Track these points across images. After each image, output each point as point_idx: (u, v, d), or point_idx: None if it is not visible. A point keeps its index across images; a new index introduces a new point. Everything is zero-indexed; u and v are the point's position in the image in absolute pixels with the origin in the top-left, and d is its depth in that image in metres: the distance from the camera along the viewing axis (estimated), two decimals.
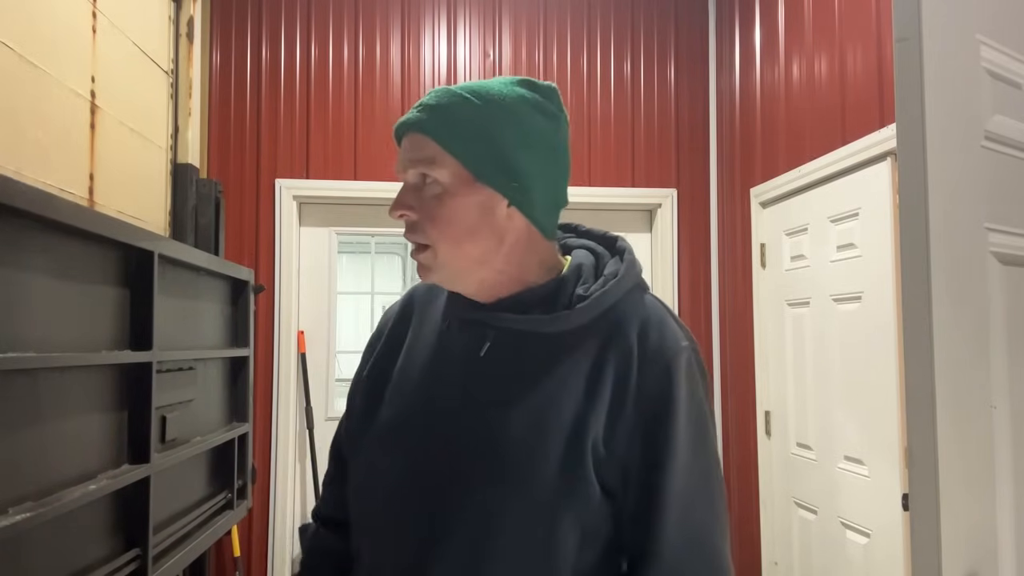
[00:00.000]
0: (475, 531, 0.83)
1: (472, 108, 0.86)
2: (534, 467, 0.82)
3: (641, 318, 0.88)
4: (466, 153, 0.85)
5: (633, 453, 0.83)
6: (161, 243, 1.76)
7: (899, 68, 0.98)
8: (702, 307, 3.21)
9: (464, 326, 0.92)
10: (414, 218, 0.86)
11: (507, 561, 0.82)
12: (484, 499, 0.83)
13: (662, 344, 0.86)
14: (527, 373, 0.87)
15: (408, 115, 0.88)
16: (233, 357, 2.39)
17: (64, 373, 1.37)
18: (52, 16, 1.86)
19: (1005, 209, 1.06)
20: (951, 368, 0.95)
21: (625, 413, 0.83)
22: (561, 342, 0.87)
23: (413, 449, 0.89)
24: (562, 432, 0.83)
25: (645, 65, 3.23)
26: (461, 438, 0.86)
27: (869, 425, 2.16)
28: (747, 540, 2.92)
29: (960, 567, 0.94)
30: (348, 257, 3.56)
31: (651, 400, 0.83)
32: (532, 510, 0.82)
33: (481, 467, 0.84)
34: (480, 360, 0.89)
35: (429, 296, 1.01)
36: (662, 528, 0.81)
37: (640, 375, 0.84)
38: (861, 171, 2.20)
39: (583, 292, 0.88)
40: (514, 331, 0.88)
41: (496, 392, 0.87)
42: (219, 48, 2.99)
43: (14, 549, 1.22)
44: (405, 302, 1.03)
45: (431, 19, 3.11)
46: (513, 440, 0.84)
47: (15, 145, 1.70)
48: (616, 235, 1.00)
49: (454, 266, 0.87)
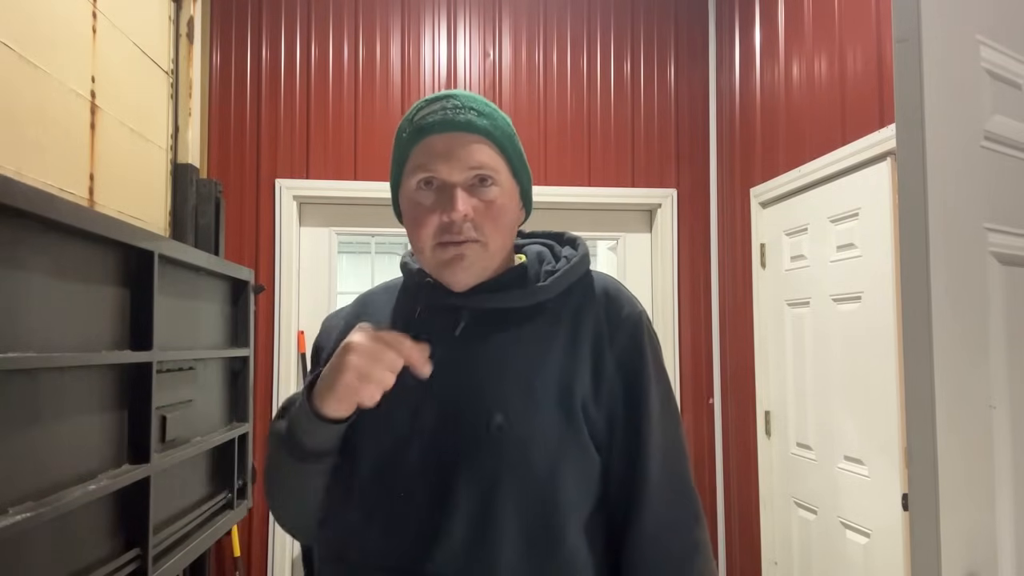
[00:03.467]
0: (483, 502, 0.87)
1: (505, 118, 0.97)
2: (534, 435, 0.89)
3: (602, 289, 0.98)
4: (514, 158, 0.96)
5: (616, 410, 0.93)
6: (161, 243, 1.76)
7: (899, 68, 0.98)
8: (702, 307, 3.21)
9: (436, 313, 0.96)
10: (473, 217, 0.91)
11: (514, 529, 0.87)
12: (489, 471, 0.88)
13: (626, 310, 0.96)
14: (508, 347, 0.93)
15: (460, 116, 0.91)
16: (233, 357, 2.39)
17: (64, 373, 1.37)
18: (52, 16, 1.86)
19: (1005, 209, 1.06)
20: (951, 368, 0.95)
21: (606, 375, 0.92)
22: (534, 316, 0.94)
23: (417, 428, 0.91)
24: (553, 398, 0.90)
25: (645, 65, 3.23)
26: (459, 413, 0.90)
27: (869, 425, 2.16)
28: (747, 540, 2.92)
29: (960, 567, 0.94)
30: (348, 257, 3.57)
31: (626, 360, 0.93)
32: (536, 477, 0.88)
33: (483, 439, 0.89)
34: (458, 340, 0.93)
35: (382, 300, 1.05)
36: (649, 473, 0.92)
37: (612, 339, 0.94)
38: (861, 171, 2.20)
39: (551, 269, 0.97)
40: (490, 310, 0.94)
41: (482, 367, 0.92)
42: (219, 48, 2.99)
43: (14, 549, 1.22)
44: (359, 310, 1.06)
45: (431, 19, 3.11)
46: (510, 410, 0.89)
47: (15, 145, 1.70)
48: (562, 230, 1.08)
49: (492, 260, 0.94)
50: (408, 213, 0.95)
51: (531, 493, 0.88)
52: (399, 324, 0.98)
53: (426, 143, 0.92)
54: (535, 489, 0.88)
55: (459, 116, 0.91)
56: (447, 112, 0.92)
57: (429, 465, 0.89)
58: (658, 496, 0.92)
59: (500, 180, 0.92)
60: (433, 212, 0.91)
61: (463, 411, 0.90)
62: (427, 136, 0.92)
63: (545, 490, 0.88)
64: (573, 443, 0.90)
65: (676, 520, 0.93)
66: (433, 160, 0.91)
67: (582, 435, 0.90)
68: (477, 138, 0.92)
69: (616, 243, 3.31)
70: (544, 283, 0.94)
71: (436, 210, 0.91)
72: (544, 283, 0.94)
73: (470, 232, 0.90)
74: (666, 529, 0.92)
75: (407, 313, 0.99)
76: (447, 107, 0.92)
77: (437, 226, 0.91)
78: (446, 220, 0.90)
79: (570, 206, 3.15)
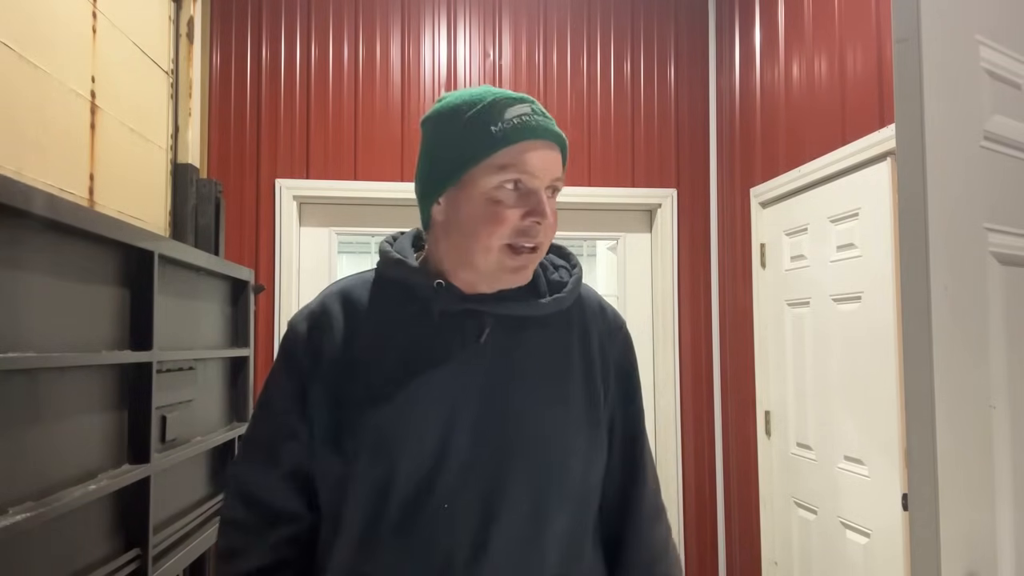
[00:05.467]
0: (528, 502, 0.91)
1: None
2: (568, 442, 0.95)
3: (596, 301, 1.07)
4: None
5: (617, 409, 1.03)
6: (161, 243, 1.76)
7: (898, 68, 0.98)
8: (702, 307, 3.21)
9: (455, 318, 0.95)
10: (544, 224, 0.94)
11: (558, 529, 0.93)
12: (531, 473, 0.92)
13: (618, 319, 1.08)
14: (534, 354, 0.97)
15: (551, 127, 0.94)
16: (233, 357, 2.39)
17: (64, 373, 1.37)
18: (52, 16, 1.86)
19: (1005, 209, 1.06)
20: (950, 368, 0.95)
21: (610, 378, 1.02)
22: (548, 324, 0.99)
23: (452, 434, 0.91)
24: (580, 404, 0.97)
25: (645, 65, 3.23)
26: (496, 421, 0.92)
27: (869, 425, 2.16)
28: (747, 540, 2.92)
29: (959, 567, 0.94)
30: (348, 257, 3.57)
31: (621, 365, 1.04)
32: (573, 482, 0.95)
33: (525, 448, 0.92)
34: (483, 347, 0.95)
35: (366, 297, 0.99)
36: (644, 460, 1.05)
37: (611, 346, 1.04)
38: (861, 171, 2.20)
39: (558, 279, 1.02)
40: (510, 316, 0.96)
41: (514, 374, 0.95)
42: (219, 48, 2.99)
43: (14, 549, 1.22)
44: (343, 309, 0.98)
45: (431, 19, 3.11)
46: (544, 418, 0.94)
47: (15, 145, 1.70)
48: None
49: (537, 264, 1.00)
50: (483, 208, 0.91)
51: (571, 496, 0.94)
52: (411, 328, 0.95)
53: (523, 146, 0.91)
54: (574, 492, 0.94)
55: (551, 126, 0.94)
56: (538, 118, 0.93)
57: (468, 476, 0.90)
58: (649, 484, 1.05)
59: (560, 190, 0.97)
60: (515, 211, 0.90)
61: (496, 421, 0.92)
62: (526, 140, 0.91)
63: (581, 492, 0.96)
64: (598, 447, 0.98)
65: (659, 502, 1.07)
66: (529, 164, 0.91)
67: (602, 438, 0.99)
68: (557, 152, 0.95)
69: (616, 243, 3.31)
70: (562, 294, 1.00)
71: (520, 210, 0.91)
72: (562, 294, 1.00)
73: (539, 239, 0.93)
74: (659, 511, 1.06)
75: (415, 316, 0.96)
76: (537, 113, 0.93)
77: (515, 227, 0.91)
78: (528, 224, 0.91)
79: (570, 206, 3.15)
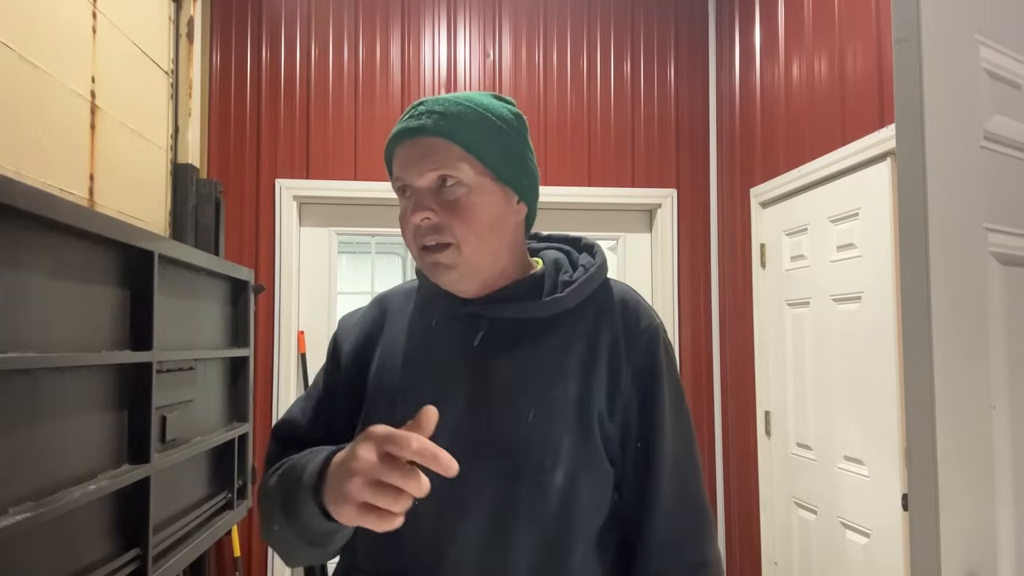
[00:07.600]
0: (498, 509, 0.88)
1: (479, 114, 0.92)
2: (551, 446, 0.89)
3: (620, 300, 0.98)
4: (487, 153, 0.91)
5: (630, 422, 0.94)
6: (161, 243, 1.76)
7: (898, 68, 0.98)
8: (702, 307, 3.21)
9: (454, 321, 0.96)
10: (437, 220, 0.90)
11: (527, 536, 0.88)
12: (504, 479, 0.89)
13: (643, 323, 0.97)
14: (526, 358, 0.93)
15: (416, 123, 0.91)
16: (233, 357, 2.39)
17: (64, 373, 1.37)
18: (52, 16, 1.86)
19: (1004, 209, 1.06)
20: (950, 368, 0.95)
21: (621, 387, 0.93)
22: (552, 327, 0.94)
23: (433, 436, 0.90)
24: (571, 410, 0.91)
25: (645, 65, 3.23)
26: (477, 423, 0.91)
27: (869, 425, 2.16)
28: (747, 540, 2.92)
29: (959, 567, 0.94)
30: (348, 257, 3.57)
31: (641, 374, 0.94)
32: (551, 487, 0.89)
33: (500, 449, 0.89)
34: (477, 349, 0.93)
35: (400, 304, 1.04)
36: (660, 485, 0.93)
37: (629, 352, 0.94)
38: (861, 171, 2.20)
39: (568, 279, 0.96)
40: (508, 320, 0.94)
41: (501, 378, 0.92)
42: (219, 48, 2.99)
43: (14, 549, 1.22)
44: (377, 314, 1.05)
45: (431, 20, 3.11)
46: (528, 421, 0.90)
47: (15, 145, 1.70)
48: (579, 235, 1.08)
49: (476, 262, 0.92)
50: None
51: (546, 502, 0.88)
52: (417, 332, 0.99)
53: (396, 153, 0.93)
54: (549, 499, 0.89)
55: (414, 123, 0.91)
56: (409, 120, 0.92)
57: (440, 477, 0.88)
58: (667, 511, 0.93)
59: (465, 179, 0.90)
60: (409, 216, 0.91)
61: (481, 421, 0.91)
62: (395, 147, 0.93)
63: (559, 500, 0.89)
64: (589, 455, 0.90)
65: (685, 535, 0.94)
66: (400, 168, 0.92)
67: (597, 447, 0.91)
68: (436, 140, 0.90)
69: (616, 243, 3.31)
70: (561, 294, 0.94)
71: (410, 214, 0.91)
72: (561, 294, 0.94)
73: (438, 236, 0.90)
74: (674, 544, 0.92)
75: (425, 320, 1.00)
76: (412, 115, 0.92)
77: (413, 229, 0.91)
78: (416, 223, 0.91)
79: (570, 206, 3.15)
